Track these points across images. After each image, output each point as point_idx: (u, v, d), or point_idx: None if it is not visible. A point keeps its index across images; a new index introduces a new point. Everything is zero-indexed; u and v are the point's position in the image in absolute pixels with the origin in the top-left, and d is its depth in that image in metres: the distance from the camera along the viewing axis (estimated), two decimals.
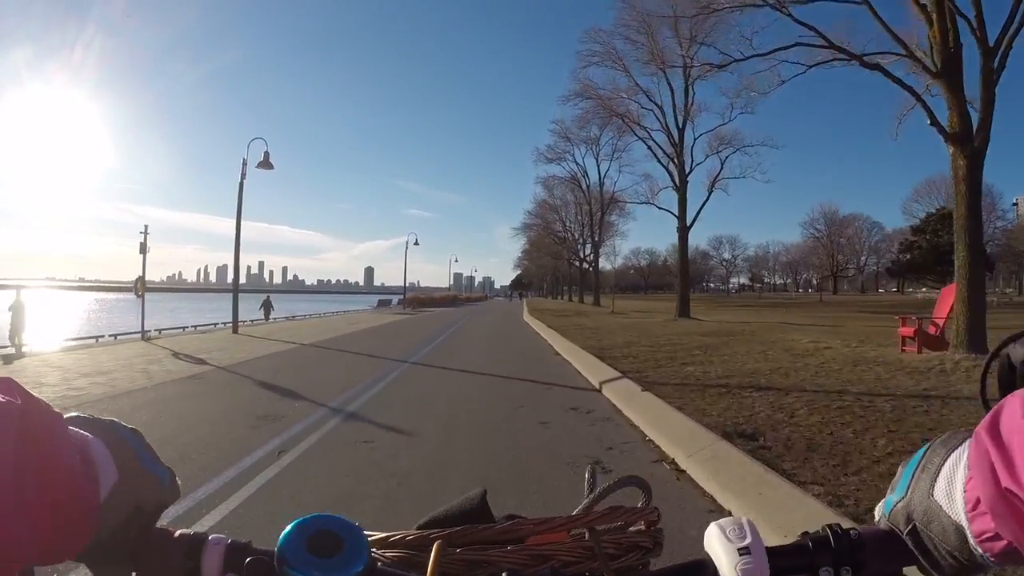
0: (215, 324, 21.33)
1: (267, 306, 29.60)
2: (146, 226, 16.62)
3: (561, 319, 21.34)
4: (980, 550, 0.38)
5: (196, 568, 0.44)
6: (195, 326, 21.57)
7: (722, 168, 22.59)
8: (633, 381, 6.58)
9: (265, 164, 17.61)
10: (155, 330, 20.32)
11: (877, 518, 0.49)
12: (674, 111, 20.53)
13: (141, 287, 16.47)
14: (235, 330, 17.32)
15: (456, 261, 67.49)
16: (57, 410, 0.38)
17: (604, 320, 20.36)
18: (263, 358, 10.35)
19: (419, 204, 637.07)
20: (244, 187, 17.58)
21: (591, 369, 8.11)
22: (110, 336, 16.55)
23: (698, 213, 21.46)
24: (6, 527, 0.32)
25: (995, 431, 0.36)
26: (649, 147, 21.65)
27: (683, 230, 21.09)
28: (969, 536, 0.39)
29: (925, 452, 0.45)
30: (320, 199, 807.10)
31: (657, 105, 20.64)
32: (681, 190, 20.56)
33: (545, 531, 0.49)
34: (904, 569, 0.47)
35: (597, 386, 6.99)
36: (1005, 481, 0.34)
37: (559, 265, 73.12)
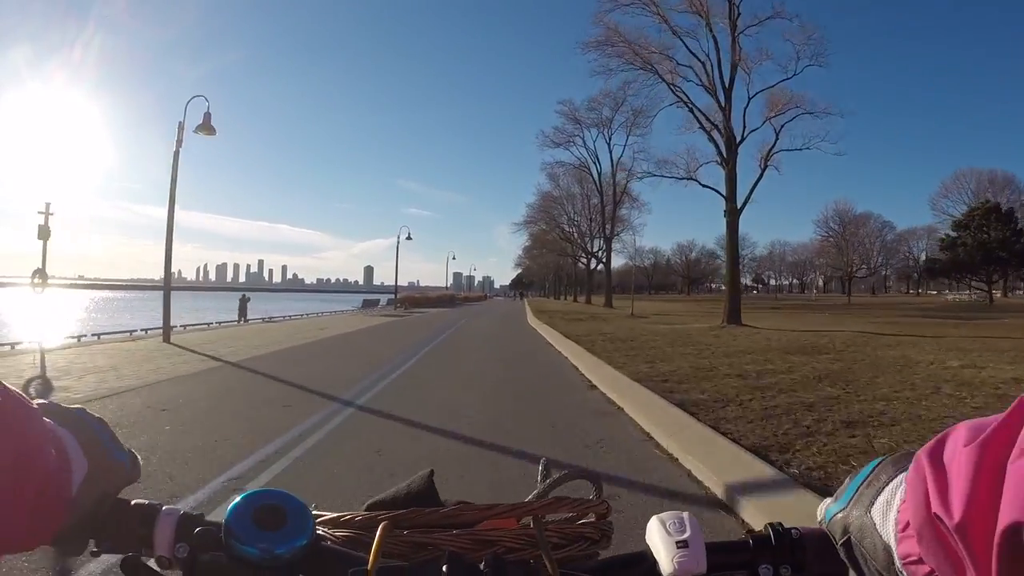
0: (174, 327, 16.74)
1: (242, 306, 26.27)
2: (47, 204, 12.77)
3: (576, 324, 17.61)
4: (905, 573, 0.38)
5: (149, 536, 0.45)
6: (145, 330, 17.91)
7: (777, 138, 17.72)
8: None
9: (206, 128, 13.95)
10: (91, 335, 16.88)
11: (818, 519, 0.47)
12: (719, 67, 16.56)
13: (40, 281, 12.76)
14: (166, 338, 13.61)
15: (454, 259, 63.09)
16: (34, 403, 0.38)
17: (630, 327, 16.59)
18: (140, 390, 6.64)
19: (419, 203, 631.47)
20: (180, 157, 13.91)
21: (678, 434, 4.35)
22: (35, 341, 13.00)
23: (750, 193, 16.92)
24: None
25: (936, 456, 0.36)
26: (691, 109, 17.13)
27: (732, 213, 16.30)
28: (895, 558, 0.38)
29: (875, 467, 0.43)
30: (320, 198, 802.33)
31: (699, 59, 16.58)
32: (729, 164, 16.22)
33: (492, 517, 0.48)
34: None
35: (721, 495, 3.24)
36: (935, 506, 0.34)
37: (563, 263, 69.74)
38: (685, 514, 0.47)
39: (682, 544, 0.44)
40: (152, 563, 0.45)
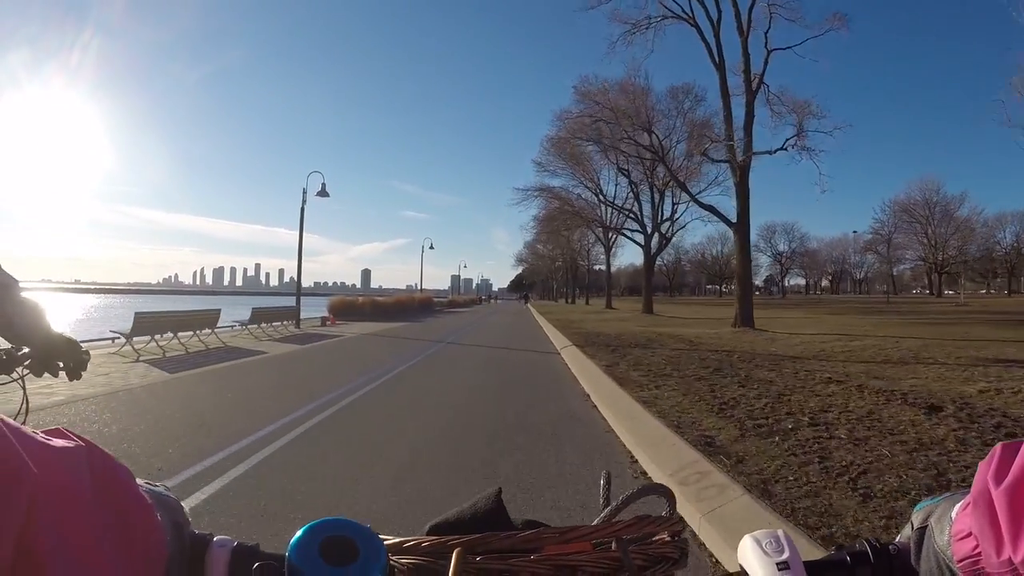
0: None
1: None
2: None
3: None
4: (952, 550, 0.38)
5: (200, 571, 0.41)
6: None
7: None
8: None
9: None
10: None
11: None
12: None
13: None
14: None
15: (431, 247, 43.67)
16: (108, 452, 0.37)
17: None
18: None
19: (416, 206, 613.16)
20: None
21: None
22: None
23: None
24: (103, 564, 0.32)
25: (1015, 446, 0.36)
26: None
27: None
28: (950, 536, 0.39)
29: None
30: (317, 200, 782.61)
31: None
32: None
33: (573, 540, 0.45)
34: None
35: None
36: (989, 475, 0.36)
37: (581, 251, 51.82)
38: (780, 532, 0.45)
39: (783, 565, 0.42)
40: None
